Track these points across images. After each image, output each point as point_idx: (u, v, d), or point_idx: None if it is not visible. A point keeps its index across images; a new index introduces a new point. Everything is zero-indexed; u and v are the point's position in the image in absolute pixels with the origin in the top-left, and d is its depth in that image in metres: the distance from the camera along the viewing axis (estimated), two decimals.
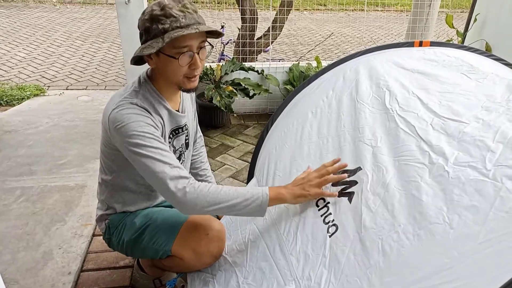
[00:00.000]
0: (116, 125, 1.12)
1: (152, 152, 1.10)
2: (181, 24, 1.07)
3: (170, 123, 1.29)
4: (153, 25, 1.08)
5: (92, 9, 8.84)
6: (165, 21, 1.07)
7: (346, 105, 1.41)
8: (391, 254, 0.93)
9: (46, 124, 2.95)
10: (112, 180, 1.31)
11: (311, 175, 1.19)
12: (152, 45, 1.08)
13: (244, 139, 2.94)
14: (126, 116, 1.12)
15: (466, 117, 1.12)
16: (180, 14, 1.07)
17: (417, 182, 1.01)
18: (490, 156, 0.97)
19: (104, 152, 1.28)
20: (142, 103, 1.17)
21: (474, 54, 1.57)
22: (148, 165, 1.10)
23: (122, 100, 1.16)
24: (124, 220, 1.35)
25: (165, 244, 1.29)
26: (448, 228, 0.88)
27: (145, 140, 1.10)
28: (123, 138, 1.11)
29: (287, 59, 5.31)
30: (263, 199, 1.13)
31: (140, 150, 1.10)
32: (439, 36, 6.48)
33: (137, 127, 1.11)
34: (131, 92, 1.19)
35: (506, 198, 0.86)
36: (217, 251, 1.28)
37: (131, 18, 2.75)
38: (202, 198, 1.09)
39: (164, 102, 1.24)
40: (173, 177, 1.09)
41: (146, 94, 1.20)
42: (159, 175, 1.09)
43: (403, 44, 1.68)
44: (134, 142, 1.10)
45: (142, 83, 1.23)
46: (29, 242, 1.75)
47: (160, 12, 1.07)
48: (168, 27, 1.06)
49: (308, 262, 1.07)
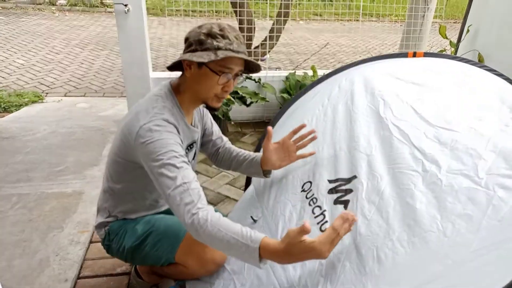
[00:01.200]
0: (146, 140, 1.11)
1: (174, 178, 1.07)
2: (233, 48, 1.16)
3: (186, 139, 1.30)
4: (208, 39, 1.15)
5: (91, 17, 8.89)
6: (221, 40, 1.15)
7: (341, 114, 1.43)
8: (386, 261, 0.95)
9: (44, 131, 2.95)
10: (120, 189, 1.31)
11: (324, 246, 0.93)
12: (203, 56, 1.13)
13: (241, 146, 2.95)
14: (158, 133, 1.11)
15: (458, 126, 1.14)
16: (234, 40, 1.17)
17: (411, 189, 1.03)
18: (482, 164, 0.99)
19: (116, 161, 1.27)
20: (171, 119, 1.18)
21: (467, 64, 1.61)
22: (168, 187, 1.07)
23: (153, 115, 1.15)
24: (125, 226, 1.35)
25: (168, 252, 1.29)
26: (442, 236, 0.90)
27: (174, 160, 1.09)
28: (149, 154, 1.10)
29: (283, 67, 5.36)
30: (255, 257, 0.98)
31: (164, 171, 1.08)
32: (433, 46, 6.56)
33: (166, 145, 1.10)
34: (160, 107, 1.18)
35: (498, 207, 0.88)
36: (220, 259, 1.30)
37: (130, 27, 2.78)
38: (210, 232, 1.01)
39: (184, 117, 1.27)
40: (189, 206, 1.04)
41: (172, 109, 1.22)
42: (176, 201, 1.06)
43: (397, 55, 1.72)
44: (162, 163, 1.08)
45: (168, 96, 1.24)
46: (25, 249, 1.75)
47: (219, 32, 1.15)
48: (222, 46, 1.14)
49: (305, 270, 1.09)
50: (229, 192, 2.34)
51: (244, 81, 3.12)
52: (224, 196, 2.30)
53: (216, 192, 2.32)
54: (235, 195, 2.29)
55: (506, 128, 1.11)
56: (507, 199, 0.90)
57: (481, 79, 1.45)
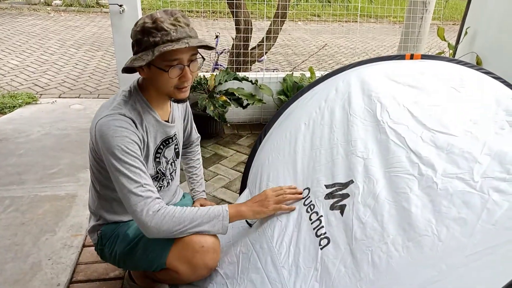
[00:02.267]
0: (101, 135, 1.13)
1: (129, 170, 1.13)
2: (171, 37, 1.08)
3: (159, 134, 1.29)
4: (144, 37, 1.10)
5: (86, 17, 8.86)
6: (156, 34, 1.08)
7: (338, 117, 1.42)
8: (380, 265, 0.94)
9: (37, 133, 2.92)
10: (100, 190, 1.31)
11: (268, 192, 1.30)
12: (143, 57, 1.10)
13: (238, 149, 2.95)
14: (113, 128, 1.13)
15: (454, 130, 1.14)
16: (171, 28, 1.09)
17: (406, 193, 1.02)
18: (477, 168, 0.99)
19: (91, 161, 1.29)
20: (130, 114, 1.18)
21: (464, 67, 1.60)
22: (123, 183, 1.13)
23: (111, 110, 1.17)
24: (117, 231, 1.33)
25: (159, 257, 1.27)
26: (436, 240, 0.89)
27: (126, 156, 1.13)
28: (106, 149, 1.13)
29: (281, 69, 5.35)
30: (224, 215, 1.20)
31: (118, 165, 1.12)
32: (432, 48, 6.58)
33: (121, 141, 1.12)
34: (120, 102, 1.20)
35: (493, 211, 0.88)
36: (212, 263, 1.27)
37: (125, 27, 2.76)
38: (166, 221, 1.14)
39: (153, 112, 1.26)
40: (143, 199, 1.13)
41: (135, 104, 1.21)
42: (130, 195, 1.13)
43: (395, 57, 1.71)
44: (115, 155, 1.12)
45: (132, 93, 1.24)
46: (17, 253, 1.72)
47: (151, 25, 1.08)
48: (159, 40, 1.08)
49: (300, 275, 1.07)
50: (224, 195, 2.32)
51: (241, 82, 3.11)
52: (220, 199, 2.28)
53: (211, 195, 2.30)
54: (230, 198, 2.27)
55: (501, 131, 1.11)
56: (501, 202, 0.89)
57: (478, 82, 1.45)
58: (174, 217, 1.14)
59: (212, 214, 1.19)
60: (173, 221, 1.14)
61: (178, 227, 1.15)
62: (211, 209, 1.21)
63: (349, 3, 4.35)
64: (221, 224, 1.20)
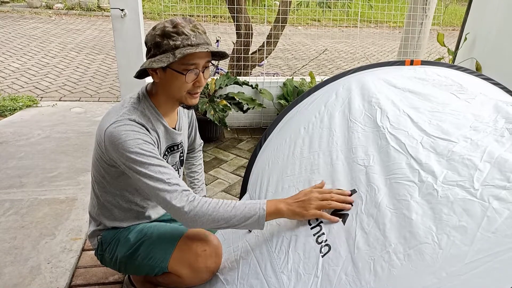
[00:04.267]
0: (113, 141, 1.12)
1: (151, 171, 1.11)
2: (191, 42, 1.11)
3: (166, 140, 1.29)
4: (164, 40, 1.11)
5: (87, 20, 8.89)
6: (176, 38, 1.10)
7: (338, 122, 1.42)
8: (382, 274, 0.93)
9: (38, 136, 2.92)
10: (102, 195, 1.30)
11: (313, 194, 1.17)
12: (162, 60, 1.11)
13: (238, 153, 2.95)
14: (125, 133, 1.12)
15: (455, 136, 1.14)
16: (191, 33, 1.12)
17: (407, 200, 1.02)
18: (478, 175, 0.98)
19: (95, 166, 1.28)
20: (140, 120, 1.18)
21: (464, 73, 1.60)
22: (148, 183, 1.11)
23: (120, 116, 1.16)
24: (118, 236, 1.33)
25: (161, 261, 1.27)
26: (437, 248, 0.89)
27: (144, 158, 1.11)
28: (121, 156, 1.12)
29: (281, 73, 5.36)
30: (260, 215, 1.14)
31: (139, 168, 1.11)
32: (431, 53, 6.60)
33: (135, 145, 1.12)
34: (129, 108, 1.19)
35: (493, 219, 0.87)
36: (214, 267, 1.27)
37: (127, 31, 2.78)
38: (201, 215, 1.11)
39: (162, 119, 1.26)
40: (173, 195, 1.11)
41: (144, 110, 1.22)
42: (159, 193, 1.11)
43: (395, 63, 1.71)
44: (133, 160, 1.11)
45: (141, 99, 1.23)
46: (16, 257, 1.72)
47: (172, 29, 1.11)
48: (180, 44, 1.10)
49: (300, 281, 1.07)
50: (224, 199, 2.32)
51: (241, 87, 3.11)
52: None
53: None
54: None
55: (501, 138, 1.10)
56: (502, 210, 0.89)
57: (477, 88, 1.45)
58: (207, 213, 1.11)
59: (248, 214, 1.13)
60: (207, 218, 1.11)
61: (211, 224, 1.13)
62: (247, 206, 1.14)
63: (349, 8, 4.37)
64: (256, 224, 1.15)
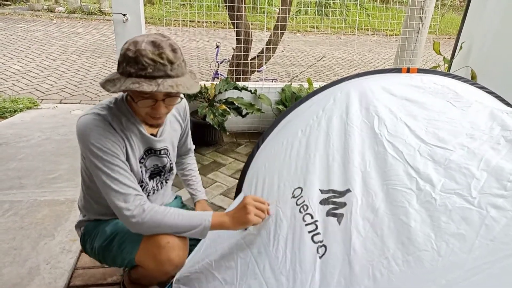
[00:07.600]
0: (79, 133, 1.15)
1: (108, 167, 1.14)
2: (146, 74, 1.04)
3: (142, 144, 1.30)
4: (123, 62, 1.07)
5: (89, 24, 8.92)
6: (132, 65, 1.04)
7: (336, 125, 1.43)
8: (382, 280, 0.94)
9: (38, 138, 2.94)
10: (86, 190, 1.35)
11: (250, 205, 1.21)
12: (115, 83, 1.07)
13: (236, 157, 2.97)
14: (90, 126, 1.14)
15: (451, 144, 1.15)
16: (150, 64, 1.04)
17: (405, 207, 1.03)
18: (475, 183, 1.00)
19: (81, 163, 1.32)
20: (108, 118, 1.18)
21: (459, 81, 1.63)
22: (104, 181, 1.15)
23: (91, 109, 1.20)
24: (98, 227, 1.38)
25: (130, 253, 1.29)
26: (436, 255, 0.90)
27: (103, 154, 1.14)
28: (85, 147, 1.15)
29: (280, 79, 5.40)
30: (205, 226, 1.20)
31: (97, 162, 1.14)
32: (427, 61, 6.66)
33: (98, 139, 1.14)
34: (104, 106, 1.21)
35: (491, 227, 0.89)
36: (177, 260, 1.26)
37: (129, 36, 2.77)
38: (148, 220, 1.16)
39: (138, 123, 1.25)
40: (126, 197, 1.15)
41: (117, 112, 1.21)
42: (111, 192, 1.15)
43: (391, 70, 1.74)
44: (94, 153, 1.14)
45: (118, 102, 1.24)
46: (15, 257, 1.73)
47: (132, 55, 1.05)
48: (133, 73, 1.04)
49: (297, 282, 1.08)
50: (222, 202, 2.34)
51: (241, 92, 3.14)
52: (218, 206, 2.29)
53: (209, 202, 2.32)
54: (228, 206, 2.28)
55: (497, 146, 1.12)
56: (499, 218, 0.90)
57: (473, 96, 1.47)
58: (154, 221, 1.16)
59: (194, 224, 1.19)
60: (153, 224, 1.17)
61: (156, 230, 1.19)
62: (194, 217, 1.20)
63: (347, 16, 4.42)
64: (200, 234, 1.21)
